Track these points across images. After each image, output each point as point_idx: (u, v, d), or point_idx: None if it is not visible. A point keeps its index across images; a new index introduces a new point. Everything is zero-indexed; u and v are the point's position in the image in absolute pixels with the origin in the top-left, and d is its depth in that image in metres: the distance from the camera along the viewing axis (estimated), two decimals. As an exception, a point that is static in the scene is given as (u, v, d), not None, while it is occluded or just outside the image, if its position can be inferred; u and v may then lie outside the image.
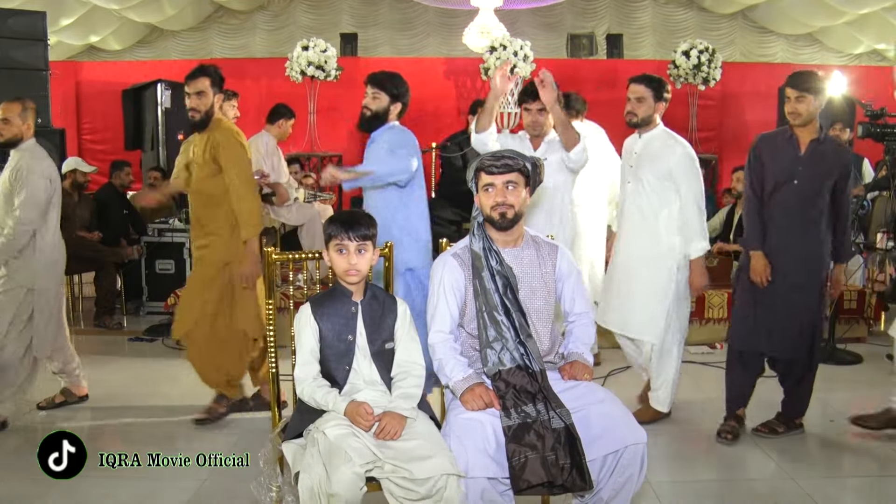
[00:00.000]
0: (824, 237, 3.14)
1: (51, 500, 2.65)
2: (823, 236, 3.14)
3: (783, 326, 3.14)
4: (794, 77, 3.11)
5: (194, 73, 3.29)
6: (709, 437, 3.26)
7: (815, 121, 3.10)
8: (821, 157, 3.09)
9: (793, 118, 3.09)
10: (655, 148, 3.26)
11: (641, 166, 3.27)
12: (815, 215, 3.11)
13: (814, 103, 3.06)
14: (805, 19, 10.56)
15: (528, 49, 7.63)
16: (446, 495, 1.85)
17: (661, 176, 3.23)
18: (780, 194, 3.13)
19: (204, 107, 3.25)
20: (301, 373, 2.09)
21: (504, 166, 2.18)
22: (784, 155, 3.14)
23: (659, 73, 3.44)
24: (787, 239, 3.12)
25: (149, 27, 11.10)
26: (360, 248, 2.07)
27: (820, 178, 3.08)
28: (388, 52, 11.67)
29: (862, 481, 2.91)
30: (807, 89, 3.04)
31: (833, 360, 4.34)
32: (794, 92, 3.06)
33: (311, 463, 1.87)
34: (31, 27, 5.37)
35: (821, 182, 3.09)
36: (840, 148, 3.25)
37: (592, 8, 11.90)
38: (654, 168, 3.24)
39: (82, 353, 3.76)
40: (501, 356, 2.12)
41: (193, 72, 3.29)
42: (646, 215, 3.27)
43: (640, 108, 3.24)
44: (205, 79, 3.25)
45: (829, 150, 3.12)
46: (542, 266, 2.26)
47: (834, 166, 3.09)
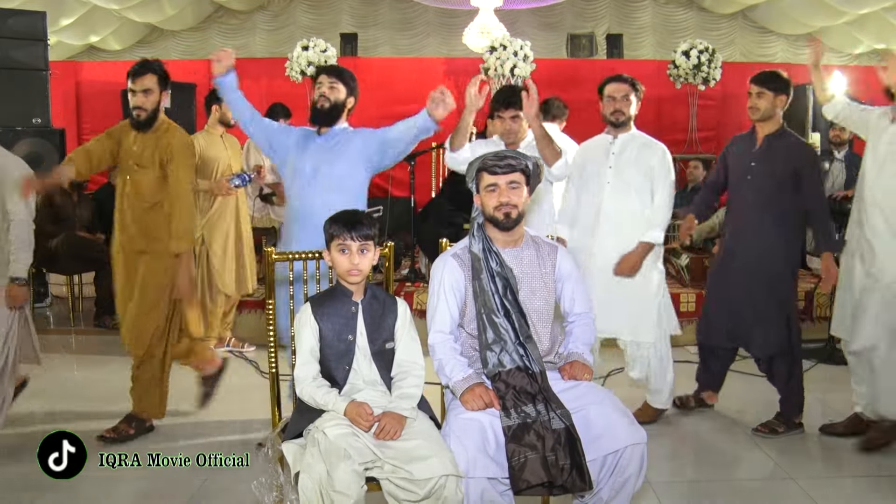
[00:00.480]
0: (791, 232, 3.20)
1: (51, 500, 2.65)
2: (790, 231, 3.19)
3: (750, 323, 3.22)
4: (756, 74, 3.23)
5: (139, 69, 3.12)
6: (708, 437, 3.26)
7: (776, 118, 3.20)
8: (776, 152, 3.16)
9: (751, 112, 3.21)
10: (637, 147, 3.29)
11: (626, 166, 3.25)
12: (776, 209, 3.15)
13: (773, 100, 3.16)
14: (805, 19, 10.56)
15: (528, 49, 7.62)
16: (446, 496, 1.85)
17: (644, 175, 3.24)
18: (738, 189, 3.24)
19: (151, 105, 3.12)
20: (301, 373, 2.09)
21: (507, 166, 2.18)
22: (743, 150, 3.26)
23: (659, 74, 3.47)
24: (748, 234, 3.18)
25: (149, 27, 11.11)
26: (362, 247, 2.08)
27: (776, 172, 3.14)
28: (388, 52, 11.68)
29: (862, 481, 2.91)
30: (767, 86, 3.16)
31: (833, 360, 4.33)
32: (755, 88, 3.18)
33: (312, 463, 1.87)
34: (31, 27, 5.37)
35: (778, 176, 3.14)
36: (798, 142, 3.28)
37: (592, 8, 11.91)
38: (639, 167, 3.24)
39: (82, 353, 3.75)
40: (501, 358, 2.13)
41: (138, 68, 3.12)
42: (634, 215, 3.25)
43: (628, 106, 3.27)
44: (151, 75, 3.11)
45: (786, 144, 3.19)
46: (542, 266, 2.26)
47: (791, 160, 3.14)
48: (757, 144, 3.22)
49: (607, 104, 3.29)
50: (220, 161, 4.30)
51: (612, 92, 3.27)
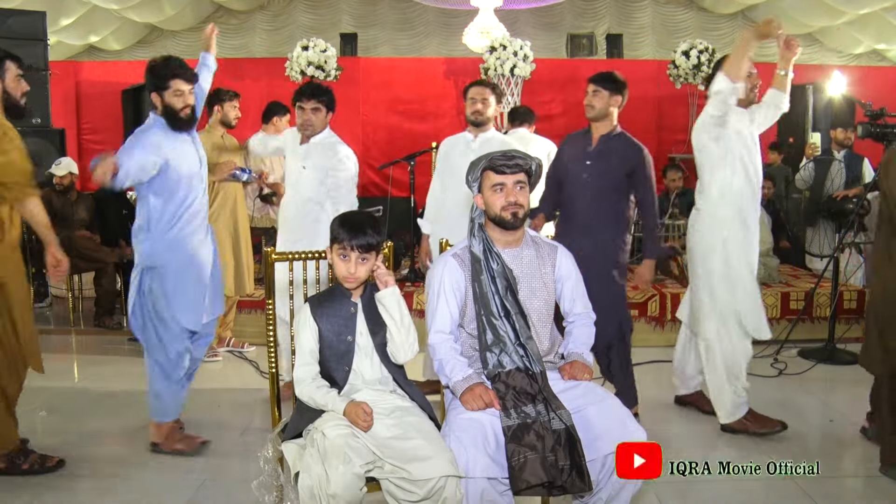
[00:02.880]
0: (624, 230, 3.28)
1: (51, 500, 2.65)
2: (623, 229, 3.27)
3: None
4: (595, 74, 3.30)
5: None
6: (709, 437, 3.26)
7: (611, 117, 3.26)
8: (610, 152, 3.23)
9: (588, 111, 3.27)
10: (497, 144, 3.35)
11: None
12: (610, 208, 3.22)
13: (608, 99, 3.22)
14: (805, 19, 10.56)
15: (528, 49, 7.63)
16: (446, 496, 1.85)
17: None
18: (574, 187, 3.27)
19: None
20: (300, 373, 2.09)
21: (515, 166, 2.18)
22: (579, 149, 3.30)
23: (659, 74, 3.47)
24: (582, 231, 3.20)
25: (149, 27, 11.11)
26: (362, 258, 2.07)
27: (610, 171, 3.21)
28: (387, 52, 11.69)
29: (862, 481, 2.91)
30: (603, 85, 3.22)
31: (833, 360, 4.34)
32: (592, 86, 3.25)
33: (311, 463, 1.87)
34: (31, 27, 5.37)
35: (612, 175, 3.21)
36: (632, 143, 3.30)
37: (592, 8, 11.91)
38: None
39: (83, 353, 3.75)
40: (501, 359, 2.13)
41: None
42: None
43: (487, 108, 3.50)
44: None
45: (620, 145, 3.25)
46: (542, 266, 2.26)
47: (624, 160, 3.21)
48: (592, 144, 3.27)
49: (470, 105, 3.55)
50: (223, 161, 4.29)
51: (473, 94, 3.54)
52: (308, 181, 3.47)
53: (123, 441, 3.23)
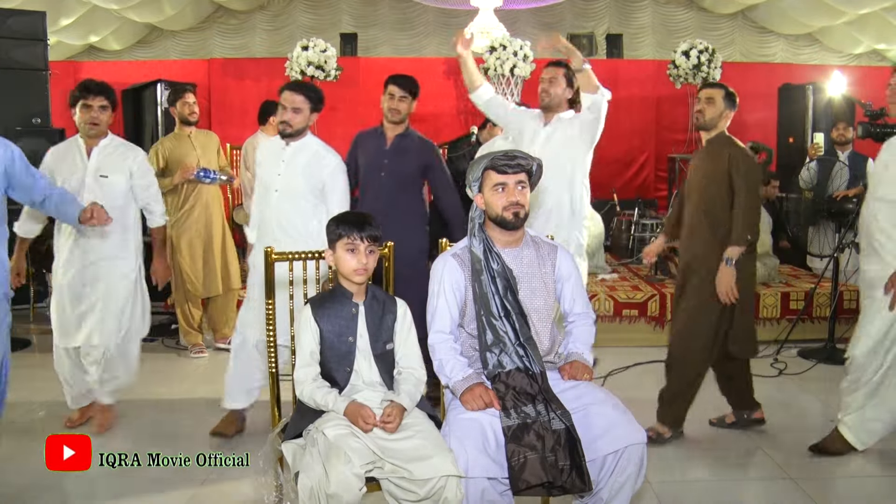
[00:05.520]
0: (421, 224, 3.48)
1: (51, 500, 2.65)
2: (420, 223, 3.48)
3: None
4: (397, 78, 3.45)
5: None
6: (708, 437, 3.26)
7: (405, 122, 3.47)
8: (404, 150, 3.43)
9: (392, 115, 3.43)
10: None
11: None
12: (407, 205, 3.42)
13: (411, 103, 3.44)
14: (805, 19, 10.55)
15: (528, 49, 7.63)
16: (446, 496, 1.85)
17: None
18: (372, 184, 3.43)
19: None
20: (301, 374, 2.09)
21: (517, 166, 2.17)
22: (373, 149, 3.48)
23: (659, 74, 3.48)
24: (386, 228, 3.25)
25: (148, 27, 11.09)
26: (370, 248, 2.09)
27: (404, 169, 3.42)
28: (387, 52, 11.67)
29: (862, 481, 2.91)
30: (409, 91, 3.42)
31: (833, 360, 4.33)
32: (399, 91, 3.42)
33: (311, 463, 1.87)
34: (31, 27, 5.36)
35: (406, 173, 3.42)
36: (423, 141, 3.50)
37: (592, 8, 11.89)
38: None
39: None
40: (501, 359, 2.13)
41: None
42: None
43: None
44: None
45: (412, 144, 3.44)
46: (542, 266, 2.26)
47: (417, 158, 3.42)
48: (387, 144, 3.46)
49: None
50: (188, 161, 4.34)
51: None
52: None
53: (123, 441, 3.22)
